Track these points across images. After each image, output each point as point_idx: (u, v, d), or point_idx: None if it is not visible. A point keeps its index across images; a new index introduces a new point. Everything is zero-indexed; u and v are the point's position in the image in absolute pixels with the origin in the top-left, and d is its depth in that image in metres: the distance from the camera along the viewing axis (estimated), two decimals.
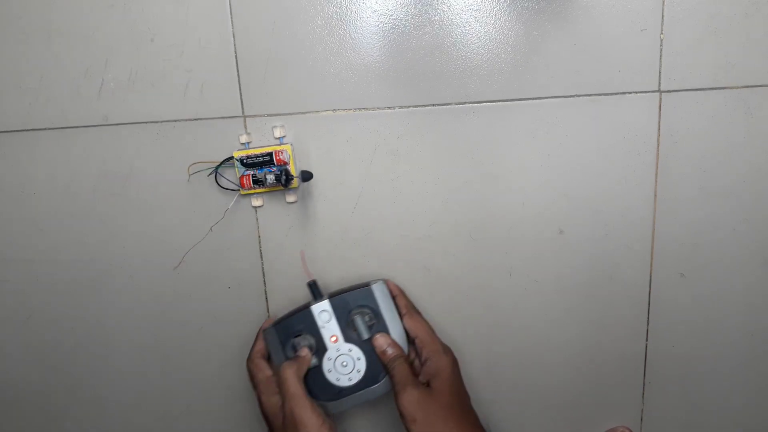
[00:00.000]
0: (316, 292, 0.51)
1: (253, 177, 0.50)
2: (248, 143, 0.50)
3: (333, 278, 0.54)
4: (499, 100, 0.50)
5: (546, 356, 0.56)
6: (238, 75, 0.50)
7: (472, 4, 0.48)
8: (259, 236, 0.53)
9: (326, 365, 0.49)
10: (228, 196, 0.52)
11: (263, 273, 0.54)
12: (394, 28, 0.49)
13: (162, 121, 0.51)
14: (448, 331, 0.55)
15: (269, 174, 0.49)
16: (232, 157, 0.50)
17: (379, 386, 0.49)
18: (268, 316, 0.55)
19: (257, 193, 0.51)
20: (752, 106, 0.50)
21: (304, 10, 0.49)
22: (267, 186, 0.49)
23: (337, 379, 0.49)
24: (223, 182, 0.51)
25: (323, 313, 0.49)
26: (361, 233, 0.53)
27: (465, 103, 0.50)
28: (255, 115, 0.50)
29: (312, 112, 0.51)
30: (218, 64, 0.49)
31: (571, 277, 0.54)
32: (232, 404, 0.57)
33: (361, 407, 0.56)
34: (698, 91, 0.50)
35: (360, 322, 0.48)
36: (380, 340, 0.48)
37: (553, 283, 0.54)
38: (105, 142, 0.51)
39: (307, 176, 0.50)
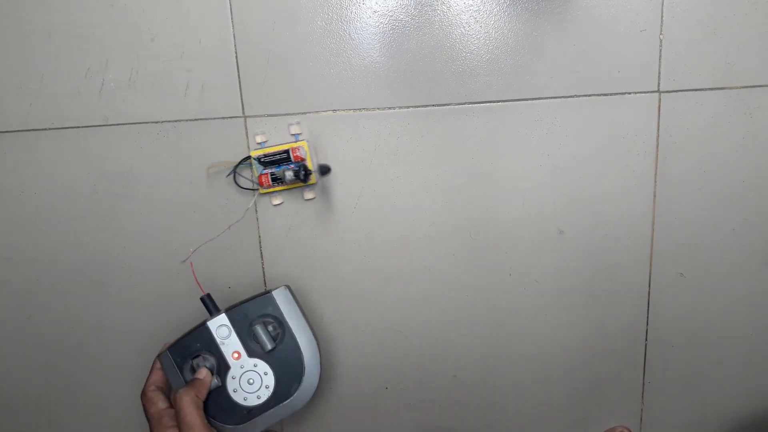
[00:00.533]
0: (210, 306, 0.47)
1: (272, 175, 0.49)
2: (264, 142, 0.50)
3: (333, 278, 0.54)
4: (498, 101, 0.50)
5: (546, 356, 0.56)
6: (239, 75, 0.50)
7: (471, 5, 0.49)
8: (259, 236, 0.53)
9: (230, 385, 0.45)
10: (244, 195, 0.52)
11: (263, 273, 0.54)
12: (394, 28, 0.49)
13: (162, 121, 0.51)
14: (448, 331, 0.55)
15: (287, 171, 0.48)
16: (249, 157, 0.50)
17: (293, 401, 0.46)
18: None
19: (277, 191, 0.51)
20: (752, 106, 0.50)
21: (304, 11, 0.49)
22: (286, 183, 0.49)
23: (245, 399, 0.45)
24: (242, 182, 0.51)
25: (221, 328, 0.45)
26: (361, 233, 0.53)
27: (465, 103, 0.50)
28: (255, 116, 0.50)
29: (312, 112, 0.51)
30: (218, 65, 0.50)
31: (571, 277, 0.54)
32: None
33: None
34: (698, 92, 0.50)
35: (261, 332, 0.45)
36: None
37: (553, 283, 0.54)
38: (105, 142, 0.51)
39: (324, 170, 0.49)
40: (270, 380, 0.45)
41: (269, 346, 0.45)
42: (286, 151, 0.49)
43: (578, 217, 0.52)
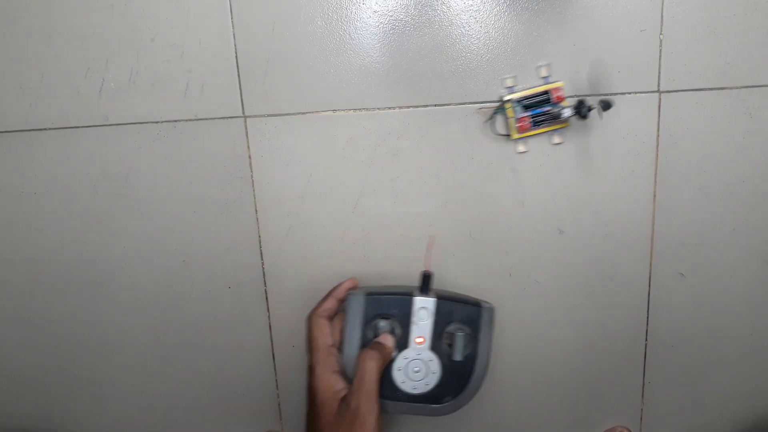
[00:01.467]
0: (426, 285, 0.46)
1: (532, 118, 0.47)
2: (514, 86, 0.49)
3: (333, 278, 0.54)
4: (498, 100, 0.50)
5: (546, 356, 0.56)
6: (239, 75, 0.50)
7: (471, 5, 0.49)
8: (260, 236, 0.53)
9: (398, 363, 0.45)
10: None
11: (263, 273, 0.54)
12: (393, 28, 0.49)
13: (162, 121, 0.51)
14: None
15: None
16: (507, 101, 0.48)
17: (440, 408, 0.46)
18: (268, 316, 0.55)
19: (529, 136, 0.49)
20: (752, 106, 0.50)
21: (304, 11, 0.49)
22: (556, 123, 0.47)
23: (403, 382, 0.45)
24: (498, 128, 0.49)
25: (423, 310, 0.45)
26: (361, 233, 0.53)
27: (465, 103, 0.50)
28: (255, 116, 0.50)
29: (312, 112, 0.51)
30: (218, 64, 0.50)
31: (571, 277, 0.54)
32: (232, 404, 0.57)
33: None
34: (698, 92, 0.50)
35: (460, 342, 0.45)
36: None
37: (553, 283, 0.54)
38: (105, 142, 0.51)
39: (606, 105, 0.46)
40: (433, 380, 0.46)
41: (458, 358, 0.45)
42: (546, 92, 0.48)
43: (578, 217, 0.52)
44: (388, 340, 0.44)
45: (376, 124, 0.51)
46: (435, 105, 0.50)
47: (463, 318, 0.45)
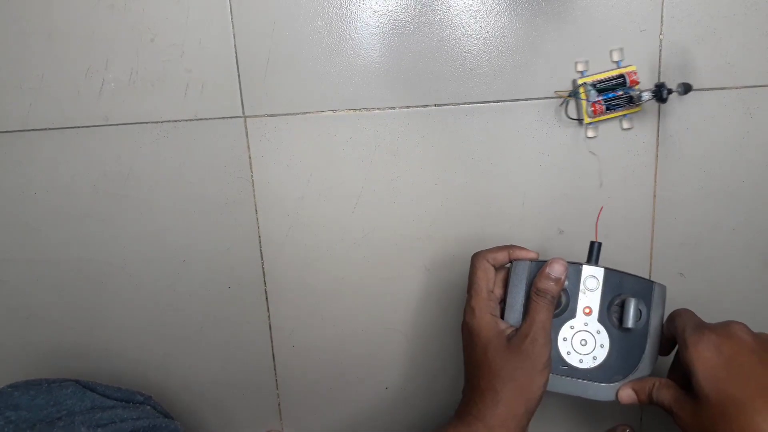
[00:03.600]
0: (595, 254, 0.44)
1: (606, 101, 0.47)
2: (585, 71, 0.48)
3: (333, 278, 0.54)
4: (499, 101, 0.50)
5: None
6: (239, 75, 0.50)
7: (471, 5, 0.49)
8: (260, 236, 0.53)
9: (564, 332, 0.43)
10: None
11: (263, 273, 0.54)
12: (394, 28, 0.49)
13: (162, 121, 0.51)
14: (449, 332, 0.55)
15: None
16: (582, 84, 0.48)
17: (607, 389, 0.42)
18: (269, 316, 0.55)
19: (602, 120, 0.49)
20: (752, 106, 0.50)
21: (304, 11, 0.49)
22: (632, 107, 0.47)
23: (568, 353, 0.43)
24: (571, 113, 0.49)
25: (591, 278, 0.43)
26: (361, 233, 0.53)
27: (465, 103, 0.50)
28: (255, 116, 0.50)
29: (312, 112, 0.51)
30: (218, 64, 0.50)
31: None
32: (232, 404, 0.57)
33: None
34: (698, 92, 0.50)
35: (633, 307, 0.41)
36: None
37: None
38: (105, 142, 0.51)
39: (687, 88, 0.45)
40: (602, 354, 0.42)
41: (629, 324, 0.41)
42: (621, 76, 0.47)
43: (578, 217, 0.52)
44: (555, 270, 0.42)
45: (376, 124, 0.51)
46: (435, 105, 0.50)
47: (633, 291, 0.43)
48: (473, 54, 0.49)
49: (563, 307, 0.43)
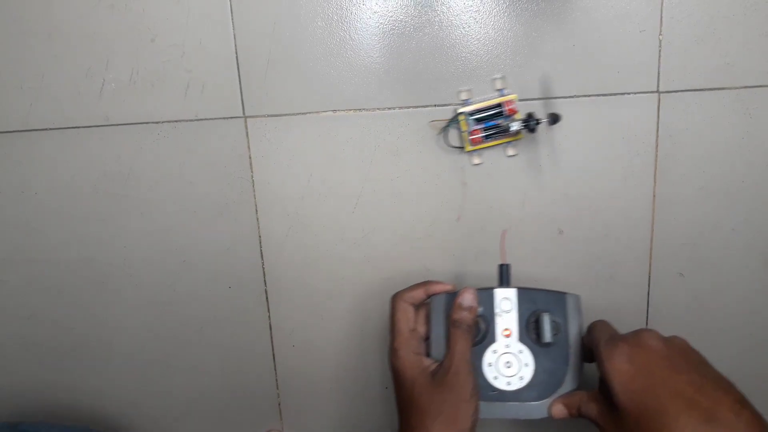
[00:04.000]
0: (505, 276, 0.45)
1: (484, 131, 0.48)
2: (469, 99, 0.49)
3: (333, 278, 0.54)
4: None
5: None
6: (239, 75, 0.50)
7: (471, 6, 0.49)
8: (260, 236, 0.53)
9: (488, 358, 0.43)
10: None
11: (263, 273, 0.54)
12: (394, 29, 0.49)
13: (162, 122, 0.51)
14: None
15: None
16: (460, 113, 0.48)
17: (539, 405, 0.42)
18: (269, 316, 0.55)
19: (483, 149, 0.49)
20: (751, 106, 0.50)
21: (304, 11, 0.49)
22: (508, 136, 0.48)
23: (495, 377, 0.43)
24: (452, 140, 0.49)
25: (505, 301, 0.44)
26: (361, 233, 0.53)
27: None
28: (255, 116, 0.51)
29: (312, 112, 0.51)
30: (219, 65, 0.50)
31: (571, 277, 0.54)
32: (232, 404, 0.57)
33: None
34: (697, 92, 0.50)
35: (547, 322, 0.42)
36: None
37: (553, 283, 0.54)
38: (105, 142, 0.51)
39: (555, 119, 0.46)
40: (528, 373, 0.43)
41: (547, 338, 0.42)
42: (499, 105, 0.48)
43: (578, 217, 0.52)
44: (466, 299, 0.42)
45: (376, 124, 0.51)
46: (435, 105, 0.50)
47: (547, 305, 0.44)
48: (473, 55, 0.49)
49: (483, 334, 0.43)
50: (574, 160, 0.51)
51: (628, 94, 0.50)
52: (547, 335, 0.42)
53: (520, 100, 0.49)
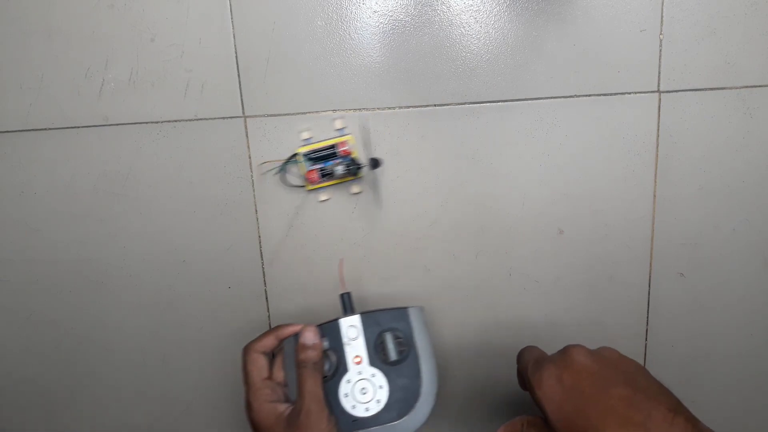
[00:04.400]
0: (347, 305, 0.46)
1: (321, 171, 0.50)
2: (310, 138, 0.50)
3: (333, 278, 0.54)
4: (498, 101, 0.50)
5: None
6: (239, 75, 0.50)
7: (471, 5, 0.49)
8: (260, 236, 0.53)
9: (343, 388, 0.43)
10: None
11: (263, 273, 0.54)
12: (394, 28, 0.49)
13: (162, 121, 0.51)
14: (448, 332, 0.55)
15: (338, 166, 0.48)
16: (296, 154, 0.50)
17: (399, 425, 0.42)
18: (269, 315, 0.55)
19: (325, 187, 0.51)
20: (752, 106, 0.50)
21: (304, 11, 0.49)
22: (336, 178, 0.49)
23: (353, 407, 0.43)
24: (291, 180, 0.51)
25: (351, 328, 0.44)
26: (361, 233, 0.53)
27: (465, 103, 0.50)
28: (255, 116, 0.51)
29: (312, 112, 0.51)
30: (218, 64, 0.50)
31: (571, 277, 0.54)
32: (232, 404, 0.57)
33: None
34: (697, 92, 0.50)
35: (390, 341, 0.43)
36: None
37: (553, 283, 0.54)
38: (105, 142, 0.51)
39: (375, 163, 0.49)
40: (383, 395, 0.43)
41: (393, 357, 0.43)
42: (333, 146, 0.49)
43: (578, 217, 0.52)
44: (307, 338, 0.43)
45: (376, 124, 0.51)
46: (435, 105, 0.50)
47: (391, 324, 0.44)
48: (473, 54, 0.49)
49: (334, 367, 0.43)
50: (574, 160, 0.51)
51: (629, 93, 0.50)
52: (392, 353, 0.43)
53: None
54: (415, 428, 0.43)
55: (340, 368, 0.44)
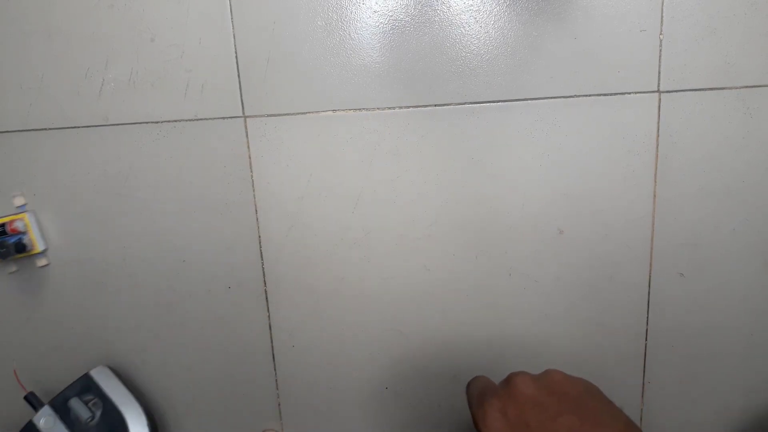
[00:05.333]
0: (34, 402, 0.49)
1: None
2: (24, 204, 0.51)
3: (333, 278, 0.54)
4: (498, 101, 0.50)
5: (546, 356, 0.56)
6: (238, 75, 0.50)
7: (471, 5, 0.49)
8: (260, 236, 0.53)
9: None
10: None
11: (263, 273, 0.54)
12: (393, 28, 0.49)
13: (162, 121, 0.51)
14: (448, 331, 0.55)
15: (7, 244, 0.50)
16: None
17: None
18: (269, 316, 0.55)
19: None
20: (751, 106, 0.50)
21: (304, 11, 0.49)
22: (18, 253, 0.50)
23: None
24: None
25: (45, 420, 0.47)
26: (361, 233, 0.53)
27: (465, 103, 0.50)
28: (255, 116, 0.50)
29: (312, 112, 0.51)
30: (218, 64, 0.50)
31: (570, 277, 0.54)
32: (232, 404, 0.57)
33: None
34: (697, 92, 0.50)
35: (76, 405, 0.46)
36: None
37: (553, 283, 0.54)
38: (105, 142, 0.51)
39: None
40: None
41: (86, 415, 0.46)
42: (3, 225, 0.50)
43: (578, 217, 0.52)
44: None
45: (376, 124, 0.51)
46: (435, 105, 0.50)
47: (80, 394, 0.47)
48: (473, 54, 0.49)
49: None
50: (574, 160, 0.51)
51: (629, 93, 0.50)
52: (83, 411, 0.46)
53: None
54: None
55: None
